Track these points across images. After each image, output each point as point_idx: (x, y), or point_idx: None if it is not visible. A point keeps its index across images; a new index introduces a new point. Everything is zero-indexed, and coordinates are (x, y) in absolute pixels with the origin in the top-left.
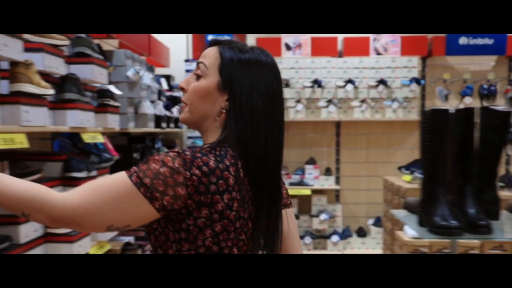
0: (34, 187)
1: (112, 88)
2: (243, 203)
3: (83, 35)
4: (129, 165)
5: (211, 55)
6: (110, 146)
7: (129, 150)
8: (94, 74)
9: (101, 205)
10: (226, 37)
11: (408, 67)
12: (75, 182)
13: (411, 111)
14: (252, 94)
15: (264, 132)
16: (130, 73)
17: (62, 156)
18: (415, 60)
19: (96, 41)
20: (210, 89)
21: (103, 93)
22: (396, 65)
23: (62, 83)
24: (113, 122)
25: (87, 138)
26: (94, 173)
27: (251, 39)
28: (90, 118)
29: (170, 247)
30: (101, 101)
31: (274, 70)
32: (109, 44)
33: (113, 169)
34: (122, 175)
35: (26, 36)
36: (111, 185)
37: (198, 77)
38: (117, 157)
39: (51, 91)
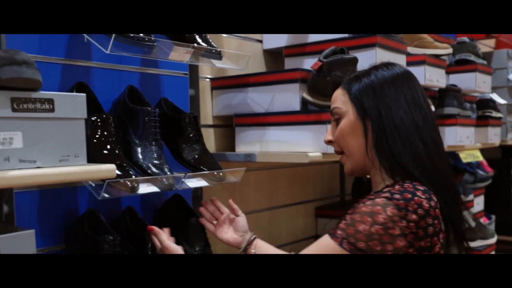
0: None
1: (495, 96)
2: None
3: (466, 39)
4: (505, 183)
5: (338, 95)
6: (484, 161)
7: (507, 165)
8: (477, 83)
9: None
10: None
11: None
12: None
13: None
14: (392, 109)
15: (418, 138)
16: None
17: None
18: None
19: None
20: (352, 122)
21: (485, 104)
22: None
23: (441, 96)
24: (493, 136)
25: (465, 157)
26: (470, 196)
27: None
28: (469, 134)
29: None
30: (482, 113)
31: (408, 78)
32: (486, 44)
33: (487, 188)
34: (329, 244)
35: (409, 48)
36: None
37: (338, 121)
38: (492, 173)
39: (432, 108)
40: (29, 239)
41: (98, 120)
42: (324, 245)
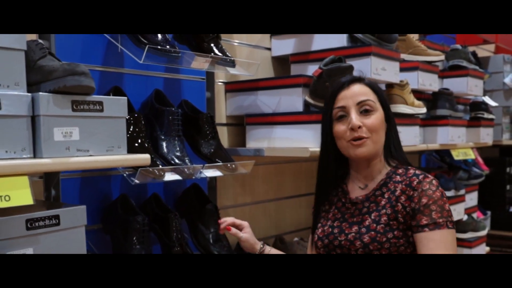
0: None
1: (487, 99)
2: None
3: (459, 47)
4: (501, 181)
5: (367, 92)
6: (480, 159)
7: (502, 163)
8: (469, 87)
9: None
10: None
11: None
12: None
13: None
14: (391, 113)
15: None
16: (508, 79)
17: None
18: None
19: (471, 49)
20: (383, 119)
21: (477, 106)
22: None
23: (434, 99)
24: (486, 136)
25: (457, 154)
26: (462, 191)
27: None
28: (461, 134)
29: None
30: (474, 115)
31: None
32: (486, 49)
33: (483, 185)
34: (442, 233)
35: (403, 55)
36: (455, 244)
37: (366, 111)
38: (487, 171)
39: (424, 110)
40: (82, 212)
41: (131, 118)
42: (439, 237)
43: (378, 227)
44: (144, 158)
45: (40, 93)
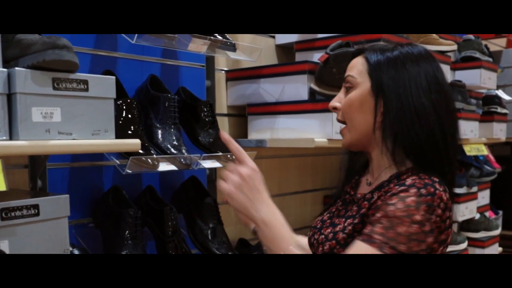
0: None
1: (501, 93)
2: None
3: (471, 37)
4: None
5: (357, 64)
6: (491, 157)
7: None
8: (482, 79)
9: None
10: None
11: None
12: (455, 199)
13: None
14: (412, 89)
15: (438, 127)
16: None
17: None
18: None
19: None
20: (364, 95)
21: (490, 100)
22: None
23: None
24: (499, 131)
25: (469, 150)
26: (474, 189)
27: None
28: (474, 128)
29: None
30: (487, 109)
31: (431, 60)
32: (496, 44)
33: (495, 184)
34: (368, 250)
35: None
36: None
37: (348, 89)
38: (499, 169)
39: None
40: (64, 202)
41: (123, 104)
42: (358, 251)
43: (341, 236)
44: (133, 143)
45: (17, 68)
